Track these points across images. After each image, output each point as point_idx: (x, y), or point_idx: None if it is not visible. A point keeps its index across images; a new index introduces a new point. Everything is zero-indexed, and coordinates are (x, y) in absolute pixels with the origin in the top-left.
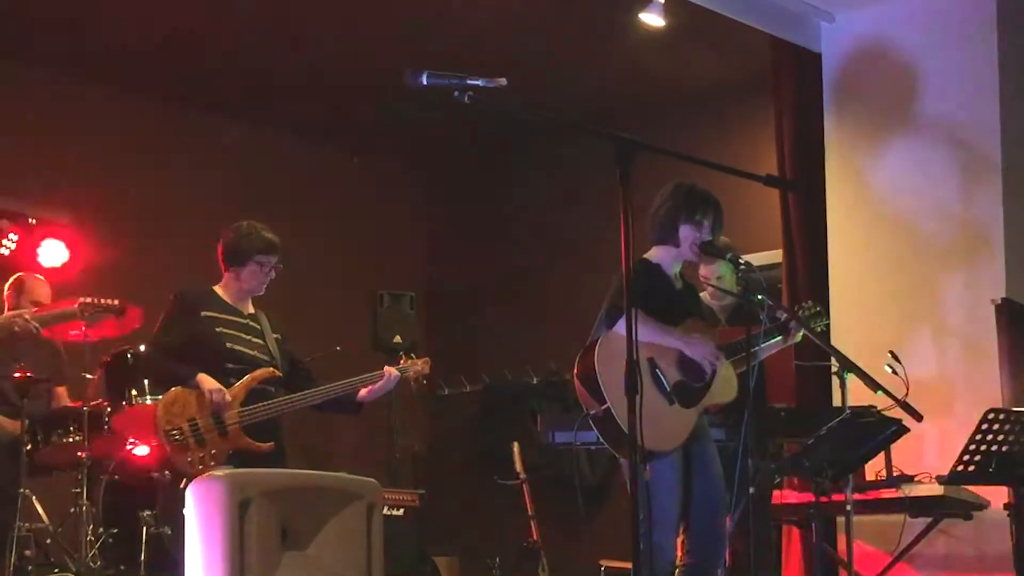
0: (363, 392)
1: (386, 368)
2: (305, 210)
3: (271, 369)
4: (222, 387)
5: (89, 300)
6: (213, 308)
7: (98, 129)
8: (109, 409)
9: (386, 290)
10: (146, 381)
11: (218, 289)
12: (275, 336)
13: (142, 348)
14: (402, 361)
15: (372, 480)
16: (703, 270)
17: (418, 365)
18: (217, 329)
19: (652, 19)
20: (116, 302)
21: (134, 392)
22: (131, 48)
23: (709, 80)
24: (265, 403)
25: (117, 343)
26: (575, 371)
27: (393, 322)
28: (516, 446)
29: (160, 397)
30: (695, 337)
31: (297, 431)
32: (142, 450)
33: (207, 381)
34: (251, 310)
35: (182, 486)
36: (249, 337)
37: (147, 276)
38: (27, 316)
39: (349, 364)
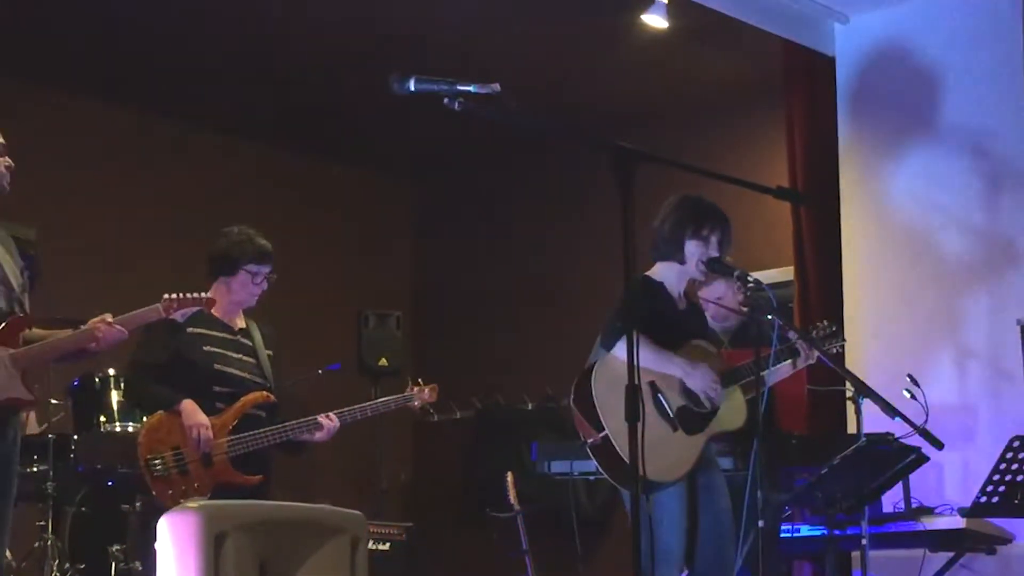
0: (316, 434)
1: (321, 418)
2: (283, 224)
3: (264, 393)
4: (206, 421)
5: (174, 296)
6: (200, 323)
7: (63, 138)
8: (76, 437)
9: (371, 309)
10: (115, 407)
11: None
12: (268, 353)
13: (111, 371)
14: (409, 388)
15: (356, 512)
16: (702, 292)
17: (425, 393)
18: (205, 348)
19: (655, 20)
20: (204, 294)
21: (102, 419)
22: (97, 54)
23: (715, 86)
24: (253, 433)
25: (83, 366)
26: (571, 397)
27: (379, 343)
28: (510, 476)
29: (130, 424)
30: (698, 366)
31: (280, 457)
32: (111, 481)
33: (191, 413)
34: (242, 324)
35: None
36: (240, 356)
37: (117, 294)
38: (109, 319)
39: (333, 388)
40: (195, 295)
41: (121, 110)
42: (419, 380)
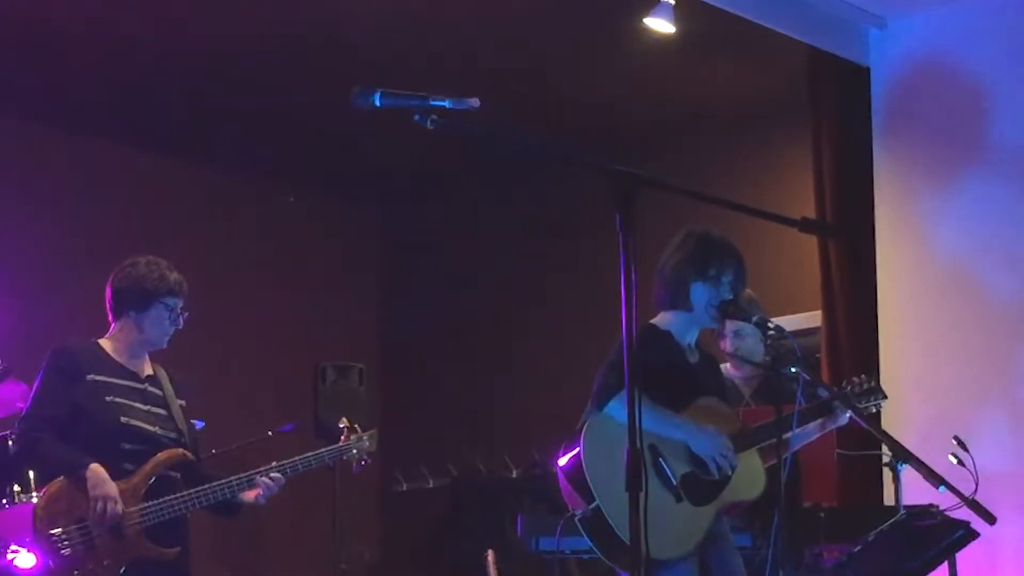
0: (250, 494)
1: (274, 476)
2: (228, 260)
3: (179, 450)
4: (114, 492)
5: None
6: (101, 370)
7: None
8: None
9: (330, 361)
10: (32, 474)
11: (105, 344)
12: (180, 403)
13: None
14: (343, 438)
15: None
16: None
17: (363, 440)
18: (107, 398)
19: (660, 24)
20: None
21: (16, 488)
22: (17, 68)
23: (731, 101)
24: (169, 498)
25: None
26: (559, 463)
27: (338, 400)
28: (491, 554)
29: None
30: (705, 428)
31: (223, 533)
32: (26, 560)
33: (97, 481)
34: (149, 371)
35: None
36: (148, 408)
37: (34, 341)
38: None
39: (286, 453)
40: None
41: (43, 128)
42: (355, 426)
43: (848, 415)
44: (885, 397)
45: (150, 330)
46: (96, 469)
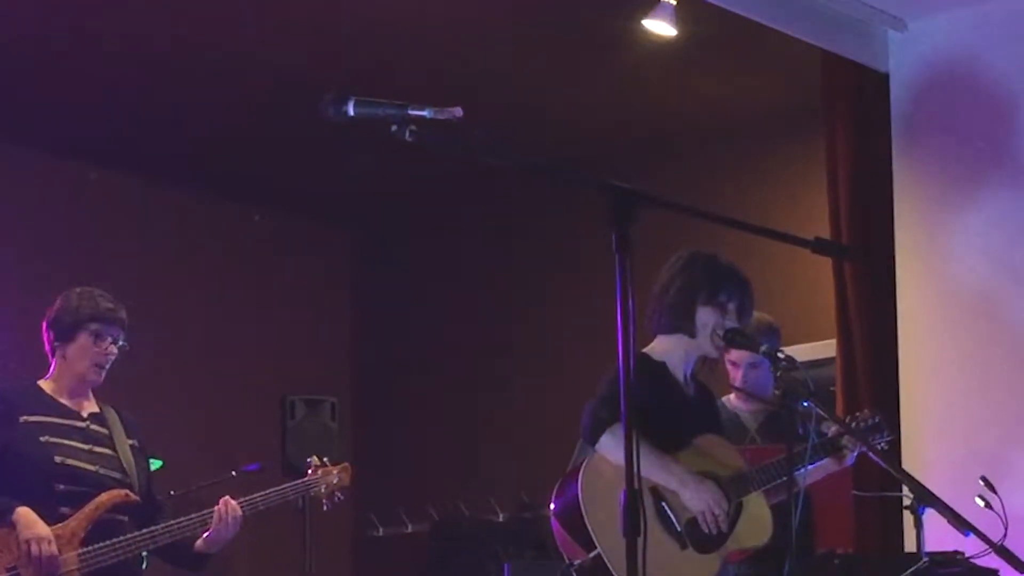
0: (199, 541)
1: (222, 501)
2: (187, 284)
3: (122, 491)
4: (47, 533)
5: None
6: (37, 410)
7: None
8: None
9: (299, 394)
10: None
11: (44, 384)
12: (130, 443)
13: None
14: (310, 472)
15: None
16: (729, 354)
17: (332, 475)
18: (42, 438)
19: (661, 27)
20: None
21: None
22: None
23: (738, 110)
24: (111, 542)
25: None
26: (552, 507)
27: (308, 437)
28: None
29: None
30: (702, 481)
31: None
32: None
33: (27, 523)
34: (94, 408)
35: None
36: (89, 447)
37: None
38: None
39: (250, 494)
40: None
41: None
42: (323, 459)
43: (856, 452)
44: (891, 434)
45: (76, 361)
46: (24, 511)
